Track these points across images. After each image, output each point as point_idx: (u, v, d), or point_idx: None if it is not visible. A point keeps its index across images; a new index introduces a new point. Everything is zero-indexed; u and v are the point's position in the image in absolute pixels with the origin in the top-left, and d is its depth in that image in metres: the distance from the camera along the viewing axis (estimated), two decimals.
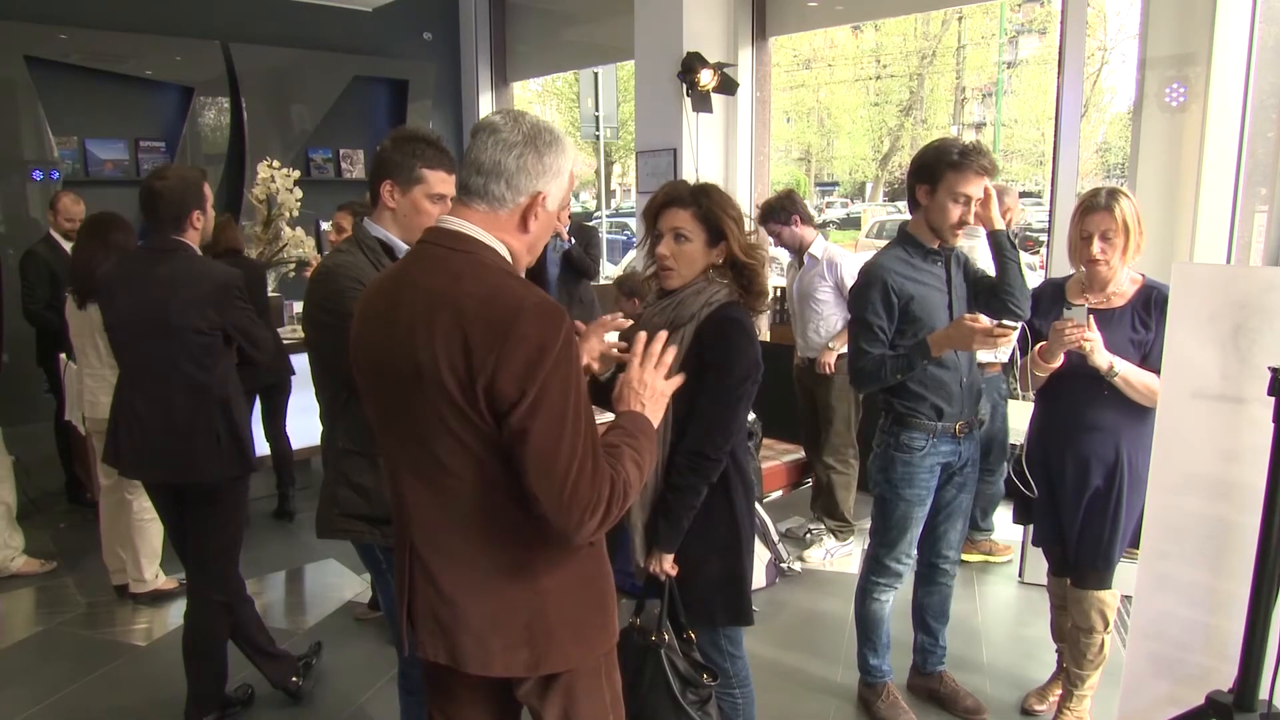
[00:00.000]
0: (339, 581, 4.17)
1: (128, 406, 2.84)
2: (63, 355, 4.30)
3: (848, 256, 4.26)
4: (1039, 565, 3.83)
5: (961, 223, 2.59)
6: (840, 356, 4.11)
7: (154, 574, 3.90)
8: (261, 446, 4.33)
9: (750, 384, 2.11)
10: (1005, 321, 2.50)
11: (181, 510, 2.94)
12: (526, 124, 1.53)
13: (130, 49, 6.37)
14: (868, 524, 3.69)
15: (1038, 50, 24.51)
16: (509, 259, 1.55)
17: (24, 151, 6.03)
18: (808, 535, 4.39)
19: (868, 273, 2.67)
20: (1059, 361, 2.52)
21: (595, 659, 1.63)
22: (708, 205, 2.12)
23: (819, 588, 4.03)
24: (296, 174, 4.76)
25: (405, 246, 2.21)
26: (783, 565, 4.09)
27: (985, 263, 4.00)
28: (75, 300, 3.77)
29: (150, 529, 3.85)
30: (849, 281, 4.03)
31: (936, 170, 2.57)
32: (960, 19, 23.53)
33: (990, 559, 4.25)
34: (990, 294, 2.67)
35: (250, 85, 6.79)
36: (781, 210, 4.21)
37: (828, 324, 4.20)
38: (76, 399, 4.04)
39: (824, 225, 24.50)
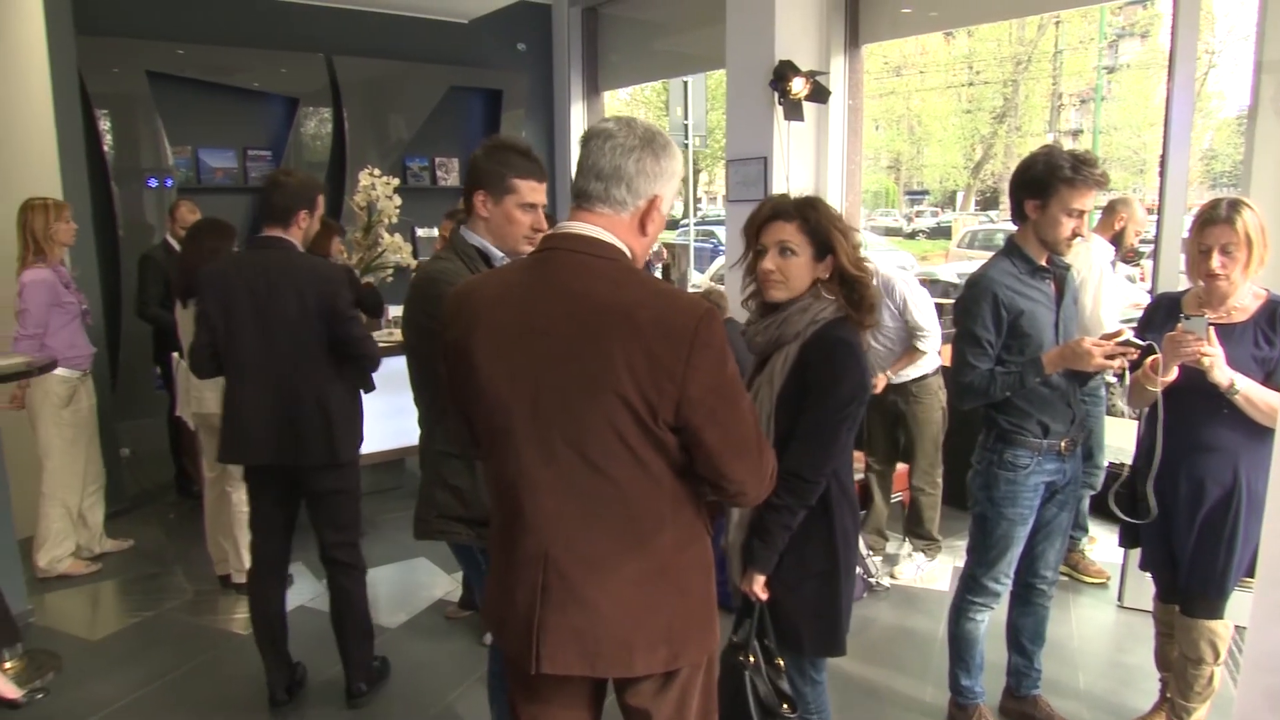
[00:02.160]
0: (430, 580, 4.26)
1: (243, 395, 2.94)
2: (175, 354, 4.50)
3: (906, 277, 4.09)
4: (1139, 589, 3.71)
5: (1074, 235, 2.52)
6: (921, 378, 4.04)
7: None
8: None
9: (855, 406, 2.03)
10: (1131, 339, 2.41)
11: (288, 495, 3.06)
12: (640, 128, 1.56)
13: (241, 62, 6.65)
14: (955, 540, 3.59)
15: (1140, 54, 23.67)
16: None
17: (142, 160, 6.34)
18: (909, 554, 4.30)
19: (976, 285, 2.60)
20: (1173, 376, 2.41)
21: (711, 653, 1.68)
22: (815, 218, 2.05)
23: (908, 604, 3.96)
24: (396, 181, 4.90)
25: (501, 255, 2.25)
26: (871, 580, 4.03)
27: (1089, 265, 3.92)
28: (180, 300, 3.96)
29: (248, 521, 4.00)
30: (911, 302, 3.93)
31: (1049, 185, 2.49)
32: (1058, 23, 22.89)
33: (1076, 574, 4.12)
34: None
35: (351, 96, 7.00)
36: None
37: (882, 350, 4.03)
38: (186, 395, 4.23)
39: (913, 234, 24.07)
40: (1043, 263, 2.61)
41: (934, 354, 4.07)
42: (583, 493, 1.52)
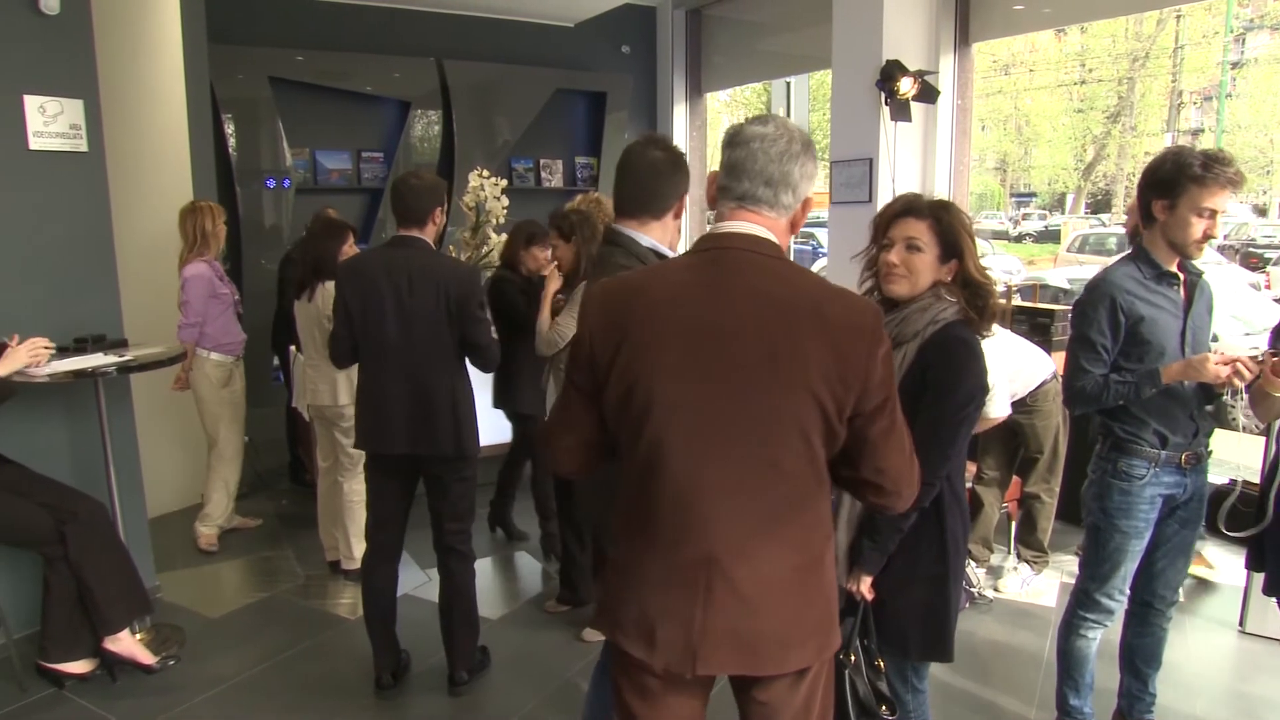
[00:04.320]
0: (529, 573, 4.35)
1: (381, 386, 3.05)
2: (293, 347, 4.70)
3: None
4: (1263, 615, 3.52)
5: (1206, 237, 2.41)
6: (1039, 386, 3.91)
7: (362, 552, 4.20)
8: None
9: (972, 409, 2.01)
10: (1262, 348, 2.29)
11: (410, 485, 3.18)
12: (796, 132, 1.57)
13: (356, 67, 6.86)
14: (1062, 555, 3.44)
15: (1269, 48, 22.35)
16: None
17: (262, 162, 6.61)
18: (1014, 566, 4.18)
19: (1094, 288, 2.52)
20: None
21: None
22: (947, 220, 2.04)
23: (1012, 619, 3.85)
24: (504, 183, 5.00)
25: (673, 253, 2.26)
26: (973, 590, 3.93)
27: (1223, 293, 3.75)
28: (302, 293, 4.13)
29: (359, 510, 4.11)
30: None
31: (1177, 183, 2.39)
32: (1179, 17, 21.79)
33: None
34: None
35: (461, 99, 7.15)
36: None
37: None
38: (301, 388, 4.42)
39: (1020, 238, 23.33)
40: (1171, 268, 2.51)
41: (1039, 368, 3.93)
42: (755, 491, 1.52)
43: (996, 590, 4.03)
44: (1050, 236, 21.85)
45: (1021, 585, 4.05)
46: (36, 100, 3.43)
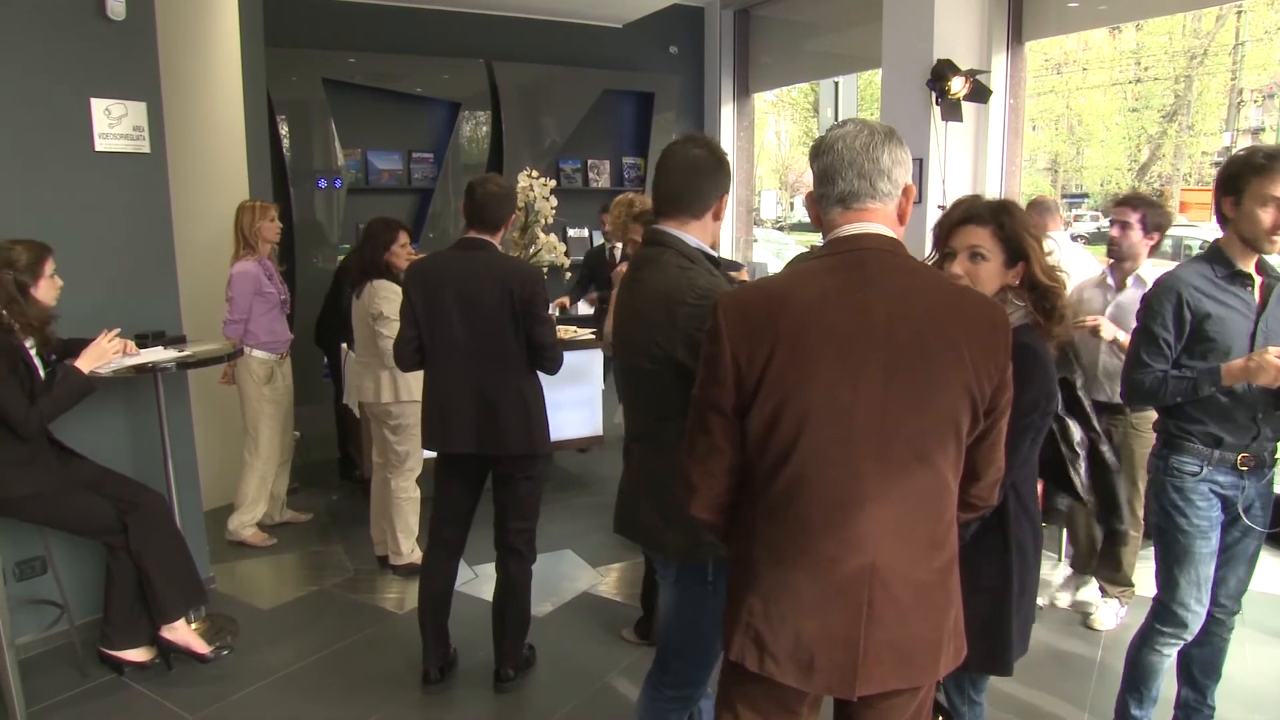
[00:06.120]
0: (575, 572, 4.36)
1: (447, 385, 3.08)
2: (344, 345, 4.77)
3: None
4: None
5: (1276, 228, 2.35)
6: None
7: (410, 548, 4.25)
8: None
9: (1038, 416, 1.96)
10: None
11: (476, 483, 3.21)
12: (875, 123, 1.58)
13: (406, 69, 6.98)
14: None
15: None
16: None
17: (314, 162, 6.74)
18: (1104, 600, 3.92)
19: (1163, 283, 2.50)
20: None
21: None
22: (1010, 224, 1.99)
23: (1063, 626, 3.78)
24: (553, 183, 5.04)
25: (716, 254, 2.25)
26: None
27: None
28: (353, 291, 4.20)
29: (406, 508, 4.21)
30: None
31: (1240, 178, 2.37)
32: (1240, 13, 21.21)
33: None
34: None
35: (509, 100, 7.22)
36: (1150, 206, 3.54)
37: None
38: (350, 385, 4.49)
39: (1073, 239, 22.89)
40: (1248, 269, 2.46)
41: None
42: (909, 494, 1.50)
43: (1090, 627, 3.81)
44: (1103, 238, 21.35)
45: (1117, 620, 3.81)
46: (102, 103, 3.53)
